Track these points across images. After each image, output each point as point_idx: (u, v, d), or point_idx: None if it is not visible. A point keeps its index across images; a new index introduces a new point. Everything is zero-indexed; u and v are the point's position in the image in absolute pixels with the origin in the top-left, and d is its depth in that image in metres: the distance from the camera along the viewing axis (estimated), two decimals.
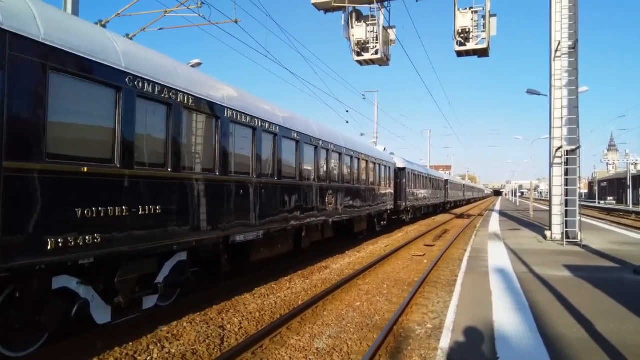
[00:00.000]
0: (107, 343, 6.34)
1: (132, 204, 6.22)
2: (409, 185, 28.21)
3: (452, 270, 12.93)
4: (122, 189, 6.12)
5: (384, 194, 22.35)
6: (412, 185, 29.63)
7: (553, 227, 16.57)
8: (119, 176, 6.09)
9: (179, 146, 7.25)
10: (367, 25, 15.59)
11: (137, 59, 6.53)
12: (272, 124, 10.57)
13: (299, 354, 6.47)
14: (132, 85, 6.28)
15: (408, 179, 28.04)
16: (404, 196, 27.16)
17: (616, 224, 29.31)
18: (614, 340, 5.73)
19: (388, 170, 23.71)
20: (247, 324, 7.69)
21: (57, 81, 5.33)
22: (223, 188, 8.51)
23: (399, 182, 26.67)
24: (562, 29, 15.90)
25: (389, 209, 23.55)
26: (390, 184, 23.90)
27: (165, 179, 6.98)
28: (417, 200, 31.94)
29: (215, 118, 8.31)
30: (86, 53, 5.65)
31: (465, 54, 15.67)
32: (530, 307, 7.38)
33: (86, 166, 5.59)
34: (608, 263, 11.92)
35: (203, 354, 6.35)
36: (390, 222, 25.05)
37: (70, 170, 5.41)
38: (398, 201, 26.05)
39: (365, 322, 8.03)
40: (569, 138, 15.96)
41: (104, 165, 5.90)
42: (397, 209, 26.07)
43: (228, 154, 8.64)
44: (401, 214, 27.38)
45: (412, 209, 30.09)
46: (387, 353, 6.52)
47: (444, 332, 6.25)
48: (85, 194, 5.59)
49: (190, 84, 7.64)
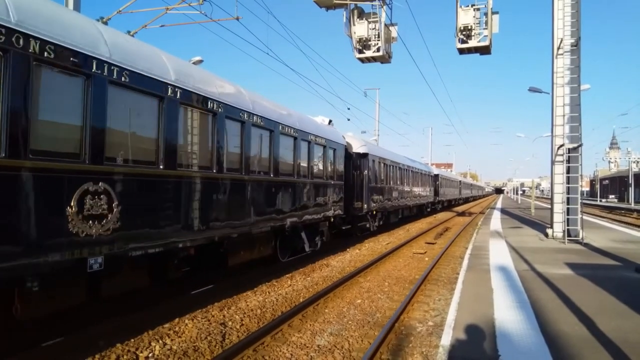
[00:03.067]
0: (109, 340, 6.35)
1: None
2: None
3: (453, 267, 12.92)
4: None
5: (323, 191, 14.04)
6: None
7: (555, 225, 16.56)
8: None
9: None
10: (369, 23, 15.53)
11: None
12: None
13: (300, 351, 6.48)
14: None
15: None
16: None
17: (618, 222, 29.26)
18: (615, 338, 5.73)
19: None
20: (248, 321, 7.70)
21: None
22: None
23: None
24: (565, 26, 15.87)
25: (335, 214, 15.07)
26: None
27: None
28: (390, 201, 23.41)
29: None
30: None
31: (467, 51, 15.61)
32: (531, 305, 7.37)
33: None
34: (610, 261, 11.90)
35: (204, 351, 6.36)
36: (340, 234, 17.60)
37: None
38: (356, 202, 17.96)
39: (367, 320, 8.03)
40: (571, 136, 15.94)
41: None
42: (355, 214, 17.90)
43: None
44: (362, 220, 19.10)
45: (380, 213, 21.81)
46: (389, 350, 6.52)
47: (445, 329, 6.25)
48: None
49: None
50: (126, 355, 6.04)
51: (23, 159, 4.92)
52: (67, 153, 5.58)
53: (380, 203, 21.13)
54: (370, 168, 19.25)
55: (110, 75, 6.00)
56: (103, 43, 6.02)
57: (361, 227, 19.08)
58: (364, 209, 18.34)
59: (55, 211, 5.24)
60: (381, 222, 22.01)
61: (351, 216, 17.50)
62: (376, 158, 20.48)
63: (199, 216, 7.78)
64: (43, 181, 5.13)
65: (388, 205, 22.71)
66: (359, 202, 17.93)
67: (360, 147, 18.54)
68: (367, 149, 19.16)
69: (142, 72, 6.60)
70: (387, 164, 22.60)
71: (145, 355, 6.07)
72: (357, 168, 18.08)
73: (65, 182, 5.39)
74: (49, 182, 5.21)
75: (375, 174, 20.14)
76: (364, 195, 18.27)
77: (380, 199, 21.10)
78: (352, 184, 17.48)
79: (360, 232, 19.32)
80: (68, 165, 5.47)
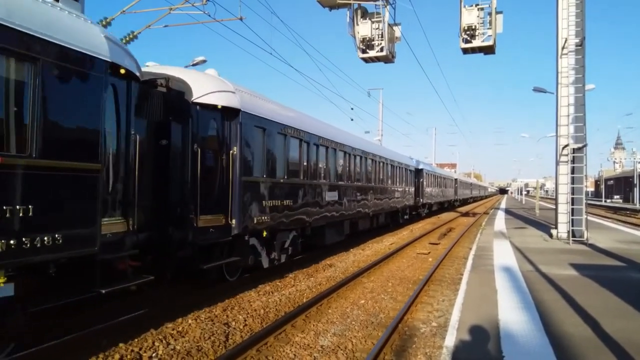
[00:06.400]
0: (112, 340, 6.36)
1: None
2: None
3: (457, 268, 12.88)
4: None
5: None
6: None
7: (559, 226, 16.49)
8: None
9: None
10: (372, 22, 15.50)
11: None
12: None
13: (303, 352, 6.47)
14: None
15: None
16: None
17: (623, 222, 29.10)
18: (620, 339, 5.69)
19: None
20: (251, 321, 7.70)
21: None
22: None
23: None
24: (569, 26, 15.81)
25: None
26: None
27: None
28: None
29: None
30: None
31: (471, 51, 15.57)
32: (536, 305, 7.34)
33: None
34: (614, 262, 11.84)
35: (208, 351, 6.36)
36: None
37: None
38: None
39: (370, 320, 8.02)
40: (576, 136, 15.87)
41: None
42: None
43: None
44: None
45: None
46: (392, 351, 6.51)
47: (449, 330, 6.23)
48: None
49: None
50: (130, 355, 6.05)
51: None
52: None
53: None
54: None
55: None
56: None
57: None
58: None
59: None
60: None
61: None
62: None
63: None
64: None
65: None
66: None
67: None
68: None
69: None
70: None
71: (148, 355, 6.08)
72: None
73: None
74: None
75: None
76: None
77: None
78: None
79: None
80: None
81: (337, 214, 14.58)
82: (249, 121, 9.58)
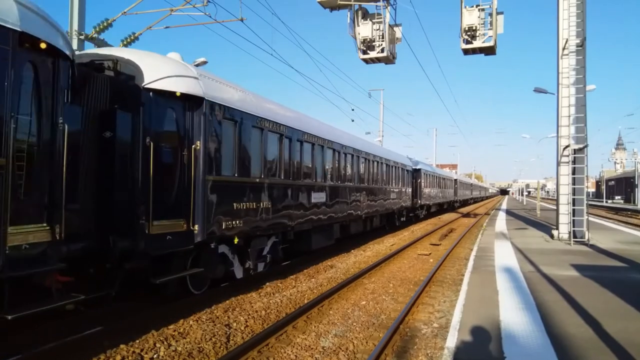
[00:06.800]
0: (114, 341, 6.36)
1: None
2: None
3: (458, 269, 12.88)
4: None
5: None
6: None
7: (560, 227, 16.48)
8: None
9: None
10: (373, 23, 15.49)
11: None
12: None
13: (304, 353, 6.47)
14: None
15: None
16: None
17: (624, 223, 29.08)
18: (621, 339, 5.69)
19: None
20: (253, 323, 7.70)
21: None
22: None
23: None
24: (570, 26, 15.81)
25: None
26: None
27: None
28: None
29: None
30: None
31: (472, 52, 15.55)
32: (537, 306, 7.34)
33: None
34: (616, 262, 11.83)
35: (209, 352, 6.36)
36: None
37: None
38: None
39: (371, 321, 8.02)
40: (577, 137, 15.86)
41: None
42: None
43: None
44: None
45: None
46: (393, 352, 6.50)
47: (450, 331, 6.23)
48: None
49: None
50: (131, 356, 6.05)
51: None
52: None
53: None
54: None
55: None
56: None
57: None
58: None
59: None
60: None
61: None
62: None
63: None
64: None
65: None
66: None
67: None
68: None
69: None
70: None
71: (150, 357, 6.08)
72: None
73: None
74: None
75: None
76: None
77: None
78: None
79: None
80: None
81: (324, 216, 13.47)
82: (216, 112, 8.37)
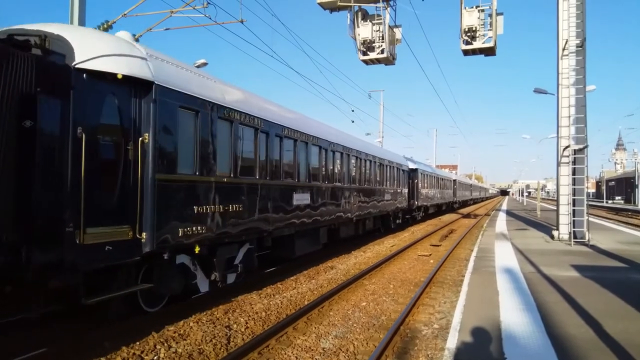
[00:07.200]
0: (114, 343, 6.36)
1: None
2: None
3: (458, 270, 12.88)
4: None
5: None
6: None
7: (560, 227, 16.48)
8: None
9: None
10: (373, 25, 15.50)
11: None
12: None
13: (305, 354, 6.47)
14: None
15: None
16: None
17: (624, 223, 29.08)
18: (622, 340, 5.69)
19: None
20: (253, 324, 7.70)
21: None
22: None
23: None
24: (570, 27, 15.82)
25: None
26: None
27: None
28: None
29: None
30: None
31: (472, 52, 15.56)
32: (537, 307, 7.34)
33: None
34: (616, 263, 11.83)
35: (209, 354, 6.36)
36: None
37: None
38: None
39: (372, 322, 8.01)
40: (577, 137, 15.87)
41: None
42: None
43: None
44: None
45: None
46: (394, 353, 6.50)
47: (450, 332, 6.23)
48: None
49: None
50: (132, 358, 6.05)
51: None
52: None
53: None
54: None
55: None
56: None
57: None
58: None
59: None
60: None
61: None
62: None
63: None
64: None
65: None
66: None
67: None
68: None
69: None
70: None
71: (150, 358, 6.08)
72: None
73: None
74: None
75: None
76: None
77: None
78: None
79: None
80: None
81: (309, 220, 12.21)
82: (171, 100, 7.14)
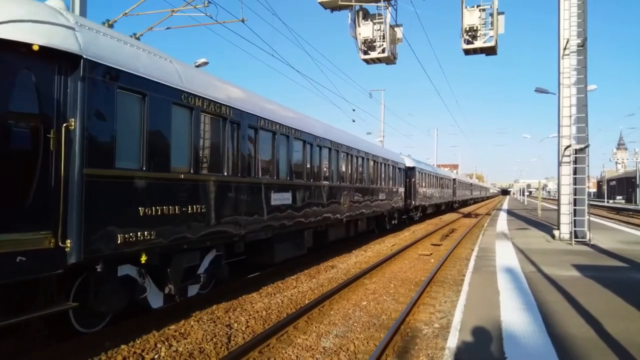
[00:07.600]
0: (115, 342, 6.37)
1: None
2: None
3: (459, 269, 12.87)
4: None
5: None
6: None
7: (561, 227, 16.47)
8: None
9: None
10: (374, 24, 15.51)
11: None
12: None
13: (305, 353, 6.48)
14: None
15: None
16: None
17: (625, 223, 29.04)
18: (622, 340, 5.68)
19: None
20: (254, 323, 7.71)
21: None
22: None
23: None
24: (571, 26, 15.80)
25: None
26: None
27: None
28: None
29: None
30: None
31: (473, 52, 15.56)
32: (538, 306, 7.33)
33: None
34: (617, 263, 11.82)
35: (210, 353, 6.37)
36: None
37: None
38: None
39: (372, 322, 8.01)
40: (578, 137, 15.86)
41: None
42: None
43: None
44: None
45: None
46: (394, 352, 6.50)
47: (451, 331, 6.23)
48: None
49: None
50: (132, 357, 6.06)
51: None
52: None
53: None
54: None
55: None
56: None
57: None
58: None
59: None
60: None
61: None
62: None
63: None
64: None
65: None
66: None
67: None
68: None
69: None
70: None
71: (151, 357, 6.09)
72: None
73: None
74: None
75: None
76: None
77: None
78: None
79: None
80: None
81: (290, 222, 11.06)
82: (107, 79, 5.93)
